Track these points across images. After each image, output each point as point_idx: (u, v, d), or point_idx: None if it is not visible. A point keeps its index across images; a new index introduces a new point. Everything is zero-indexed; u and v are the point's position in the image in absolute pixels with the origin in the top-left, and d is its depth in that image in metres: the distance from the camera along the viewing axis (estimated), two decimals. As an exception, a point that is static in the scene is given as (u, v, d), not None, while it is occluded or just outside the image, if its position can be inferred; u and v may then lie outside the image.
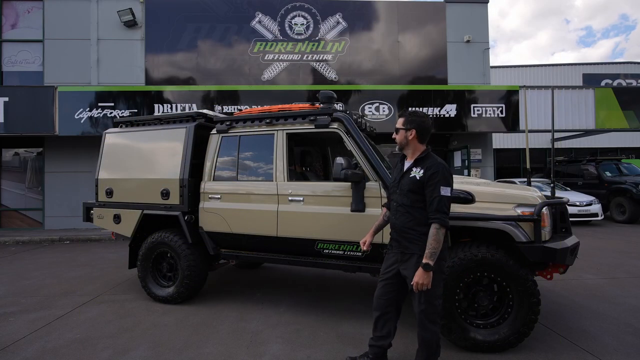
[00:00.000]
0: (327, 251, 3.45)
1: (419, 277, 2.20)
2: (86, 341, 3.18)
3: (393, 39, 10.89)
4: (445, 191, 2.26)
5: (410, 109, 8.51)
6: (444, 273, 2.51)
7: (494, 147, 11.62)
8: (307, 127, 3.61)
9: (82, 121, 9.14)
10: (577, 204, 9.82)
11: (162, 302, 4.08)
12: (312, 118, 3.56)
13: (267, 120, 3.77)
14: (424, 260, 2.21)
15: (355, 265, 3.37)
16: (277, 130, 3.73)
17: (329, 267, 3.49)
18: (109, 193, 4.49)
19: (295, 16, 10.71)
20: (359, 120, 3.76)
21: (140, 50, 10.44)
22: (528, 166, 5.46)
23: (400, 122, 2.46)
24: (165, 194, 4.09)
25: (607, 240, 7.84)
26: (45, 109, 9.07)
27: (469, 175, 9.74)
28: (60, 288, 4.77)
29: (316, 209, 3.45)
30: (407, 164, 2.47)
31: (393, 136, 2.50)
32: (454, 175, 2.60)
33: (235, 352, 2.96)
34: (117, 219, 4.44)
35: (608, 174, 11.42)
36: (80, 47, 10.29)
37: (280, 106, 3.88)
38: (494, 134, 11.07)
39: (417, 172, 2.34)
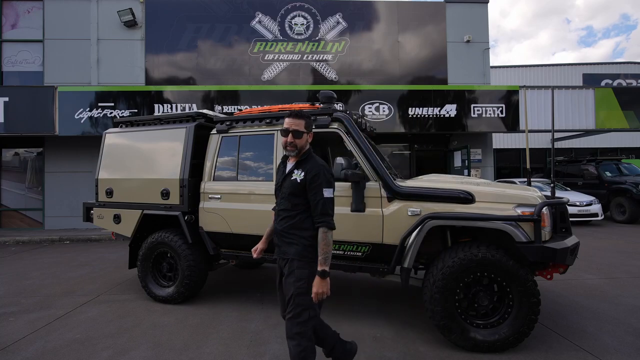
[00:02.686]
0: (327, 251, 3.43)
1: (317, 287, 2.08)
2: (86, 341, 3.18)
3: (393, 39, 10.89)
4: (328, 193, 2.19)
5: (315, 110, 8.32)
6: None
7: (494, 147, 11.61)
8: (307, 127, 3.60)
9: (82, 121, 9.14)
10: (577, 204, 9.82)
11: (162, 302, 4.08)
12: (312, 118, 3.56)
13: (267, 120, 3.77)
14: (320, 268, 2.09)
15: (355, 265, 3.36)
16: (277, 130, 3.73)
17: (328, 267, 3.48)
18: (109, 193, 4.49)
19: (295, 16, 10.71)
20: (359, 120, 3.75)
21: (140, 50, 10.44)
22: (528, 166, 5.47)
23: (302, 125, 2.25)
24: (165, 194, 4.09)
25: (607, 240, 7.84)
26: (45, 109, 9.07)
27: (469, 175, 9.74)
28: (60, 288, 4.77)
29: (316, 209, 3.44)
30: (289, 166, 2.33)
31: (290, 139, 2.23)
32: (453, 176, 2.58)
33: (235, 352, 2.96)
34: (117, 219, 4.44)
35: (608, 174, 11.42)
36: (80, 47, 10.29)
37: (280, 106, 3.88)
38: (494, 134, 11.06)
39: (298, 175, 2.23)
